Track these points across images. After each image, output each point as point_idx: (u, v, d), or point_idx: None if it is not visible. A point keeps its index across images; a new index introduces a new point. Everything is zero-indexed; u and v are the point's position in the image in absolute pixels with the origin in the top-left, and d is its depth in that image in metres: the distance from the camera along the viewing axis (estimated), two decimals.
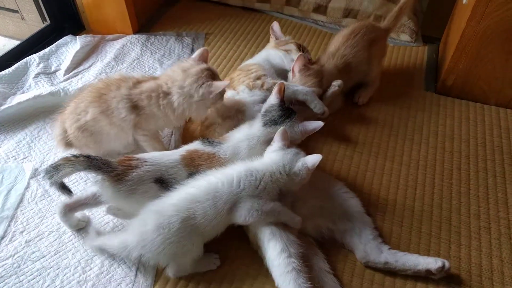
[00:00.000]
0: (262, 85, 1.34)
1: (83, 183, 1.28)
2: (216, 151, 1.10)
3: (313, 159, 1.03)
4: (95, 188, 1.08)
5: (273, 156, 1.04)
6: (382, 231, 1.17)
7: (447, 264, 1.04)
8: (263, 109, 1.17)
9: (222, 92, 1.22)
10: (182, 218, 0.95)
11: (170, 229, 0.94)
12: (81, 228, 1.15)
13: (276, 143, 1.06)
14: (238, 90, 1.37)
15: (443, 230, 1.19)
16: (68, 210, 1.10)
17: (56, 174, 0.97)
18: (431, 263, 1.04)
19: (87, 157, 0.98)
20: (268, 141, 1.10)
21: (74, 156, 0.98)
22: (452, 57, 1.56)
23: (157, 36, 1.92)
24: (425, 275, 1.06)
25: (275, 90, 1.16)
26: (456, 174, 1.36)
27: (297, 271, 0.95)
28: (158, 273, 1.07)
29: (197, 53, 1.24)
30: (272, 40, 1.57)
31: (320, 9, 2.03)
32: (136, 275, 1.06)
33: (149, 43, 1.87)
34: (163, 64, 1.76)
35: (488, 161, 1.40)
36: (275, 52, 1.51)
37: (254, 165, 1.03)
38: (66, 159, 0.97)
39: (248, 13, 2.14)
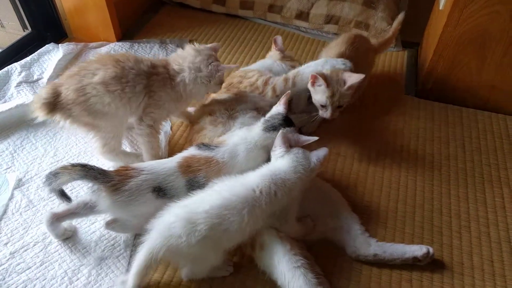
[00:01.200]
0: (273, 90, 1.36)
1: (82, 190, 1.27)
2: (214, 155, 1.09)
3: (322, 153, 1.07)
4: (86, 197, 1.08)
5: (287, 159, 1.05)
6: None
7: (431, 250, 1.11)
8: (267, 115, 1.17)
9: (222, 79, 1.32)
10: (212, 225, 0.91)
11: (197, 236, 0.90)
12: (67, 238, 1.14)
13: (279, 147, 1.07)
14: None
15: (426, 230, 1.22)
16: (56, 219, 1.09)
17: (54, 181, 0.96)
18: (417, 250, 1.11)
19: (83, 166, 0.98)
20: (264, 147, 1.11)
21: (72, 165, 0.97)
22: (431, 61, 1.61)
23: (141, 44, 1.92)
24: (412, 263, 1.11)
25: (282, 100, 1.18)
26: (437, 175, 1.40)
27: (305, 267, 0.98)
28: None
29: (209, 45, 1.32)
30: (276, 52, 1.60)
31: (303, 15, 2.07)
32: None
33: (133, 50, 1.87)
34: None
35: (467, 162, 1.45)
36: (280, 64, 1.55)
37: (277, 171, 1.02)
38: (64, 168, 0.97)
39: (231, 20, 2.16)
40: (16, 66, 1.67)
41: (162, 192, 1.03)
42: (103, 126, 1.22)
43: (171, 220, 0.92)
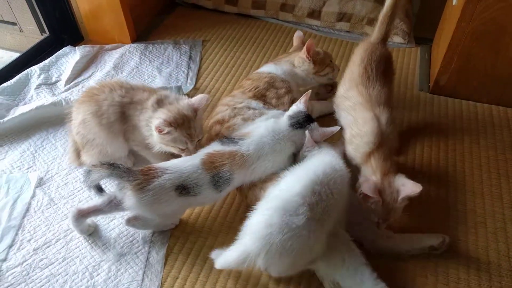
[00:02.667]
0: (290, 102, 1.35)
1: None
2: (238, 148, 1.09)
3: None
4: (111, 195, 1.11)
5: (327, 153, 1.09)
6: None
7: (447, 239, 1.13)
8: (290, 112, 1.19)
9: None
10: (311, 205, 0.93)
11: (299, 222, 0.91)
12: (90, 234, 1.18)
13: (311, 147, 1.12)
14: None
15: (441, 226, 1.22)
16: (81, 216, 1.13)
17: (87, 179, 1.01)
18: (433, 239, 1.13)
19: (110, 164, 1.01)
20: (291, 141, 1.14)
21: (101, 163, 1.01)
22: (444, 57, 1.60)
23: (155, 45, 1.95)
24: (428, 252, 1.13)
25: (303, 99, 1.20)
26: (452, 171, 1.39)
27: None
28: (164, 276, 1.10)
29: (195, 99, 1.22)
30: (306, 61, 1.47)
31: (314, 14, 2.07)
32: (143, 279, 1.09)
33: (148, 51, 1.91)
34: (162, 72, 1.79)
35: (482, 158, 1.43)
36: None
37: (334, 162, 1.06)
38: (94, 166, 1.01)
39: (244, 20, 2.18)
40: (35, 69, 1.72)
41: (185, 190, 1.04)
42: (111, 152, 1.29)
43: (265, 218, 0.93)
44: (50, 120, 1.52)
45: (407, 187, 1.04)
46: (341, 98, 1.29)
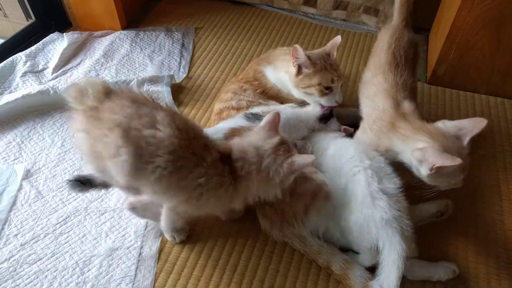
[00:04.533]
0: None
1: None
2: None
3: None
4: None
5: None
6: None
7: (450, 203, 1.16)
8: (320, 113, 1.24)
9: None
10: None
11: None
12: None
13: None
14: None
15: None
16: (133, 208, 1.10)
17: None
18: (439, 204, 1.15)
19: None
20: (308, 128, 1.21)
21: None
22: (443, 47, 1.58)
23: (146, 32, 1.89)
24: (436, 218, 1.15)
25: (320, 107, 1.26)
26: None
27: None
28: (157, 271, 1.06)
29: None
30: (292, 66, 1.26)
31: (310, 1, 2.02)
32: (135, 274, 1.05)
33: (139, 39, 1.84)
34: (154, 60, 1.74)
35: (479, 149, 1.42)
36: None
37: None
38: None
39: (237, 7, 2.12)
40: (21, 56, 1.65)
41: None
42: None
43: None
44: (37, 110, 1.45)
45: (468, 126, 1.01)
46: (365, 84, 1.25)
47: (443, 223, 1.18)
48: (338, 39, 1.28)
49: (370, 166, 1.01)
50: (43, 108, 1.46)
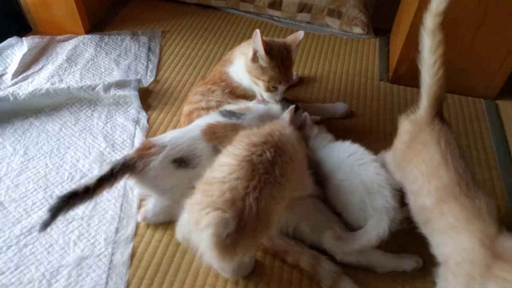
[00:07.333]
0: None
1: None
2: (241, 122, 1.14)
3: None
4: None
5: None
6: None
7: None
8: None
9: None
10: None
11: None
12: None
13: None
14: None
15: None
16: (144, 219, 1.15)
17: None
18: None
19: (111, 170, 1.00)
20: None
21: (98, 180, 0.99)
22: (403, 47, 1.64)
23: (111, 36, 1.86)
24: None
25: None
26: None
27: None
28: (129, 278, 1.04)
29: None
30: (247, 55, 1.27)
31: (275, 4, 2.05)
32: (107, 282, 1.03)
33: (103, 43, 1.81)
34: (120, 64, 1.71)
35: None
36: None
37: None
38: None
39: (204, 11, 2.12)
40: None
41: (184, 163, 1.04)
42: None
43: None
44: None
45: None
46: (426, 212, 0.94)
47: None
48: (300, 33, 1.30)
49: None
50: (3, 115, 1.40)
